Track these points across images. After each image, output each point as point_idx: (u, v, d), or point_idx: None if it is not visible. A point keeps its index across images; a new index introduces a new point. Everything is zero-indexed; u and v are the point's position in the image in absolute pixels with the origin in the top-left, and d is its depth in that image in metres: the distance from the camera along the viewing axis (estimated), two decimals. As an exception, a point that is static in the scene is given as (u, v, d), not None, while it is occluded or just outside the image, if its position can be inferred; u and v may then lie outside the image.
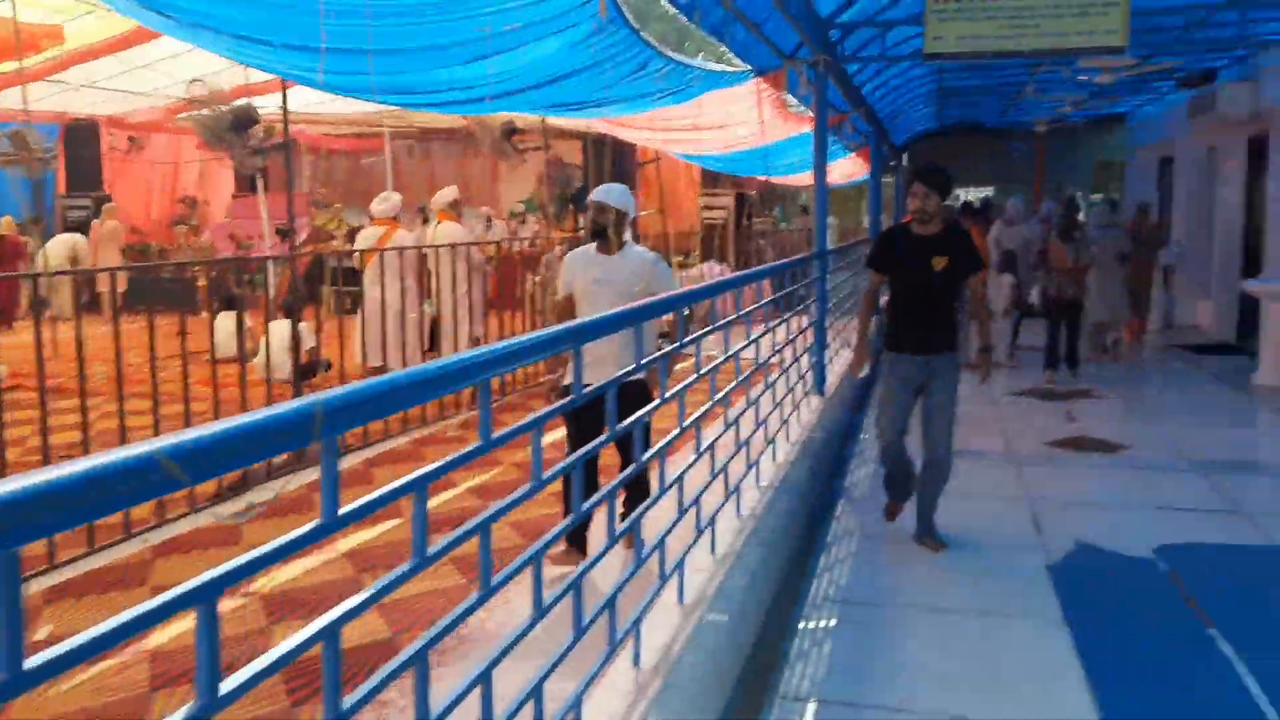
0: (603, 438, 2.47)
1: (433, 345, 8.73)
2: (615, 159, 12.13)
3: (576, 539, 4.49)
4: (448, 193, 8.86)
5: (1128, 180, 18.66)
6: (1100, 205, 11.40)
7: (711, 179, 18.03)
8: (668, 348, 3.09)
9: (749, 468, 4.53)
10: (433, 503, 5.74)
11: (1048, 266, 9.76)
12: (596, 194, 4.58)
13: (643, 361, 2.82)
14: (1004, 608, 4.31)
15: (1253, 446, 7.81)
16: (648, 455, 2.88)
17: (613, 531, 2.57)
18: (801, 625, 4.17)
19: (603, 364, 4.25)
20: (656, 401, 2.97)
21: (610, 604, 2.53)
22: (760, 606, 4.09)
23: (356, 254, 8.67)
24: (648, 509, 2.83)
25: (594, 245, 4.62)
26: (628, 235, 4.61)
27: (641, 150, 14.59)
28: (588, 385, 2.49)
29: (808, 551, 5.10)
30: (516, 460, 6.55)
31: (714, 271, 13.58)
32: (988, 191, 20.85)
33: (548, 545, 2.09)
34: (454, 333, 8.26)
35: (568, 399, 2.31)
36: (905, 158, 18.28)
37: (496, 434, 1.91)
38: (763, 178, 16.22)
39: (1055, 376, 9.72)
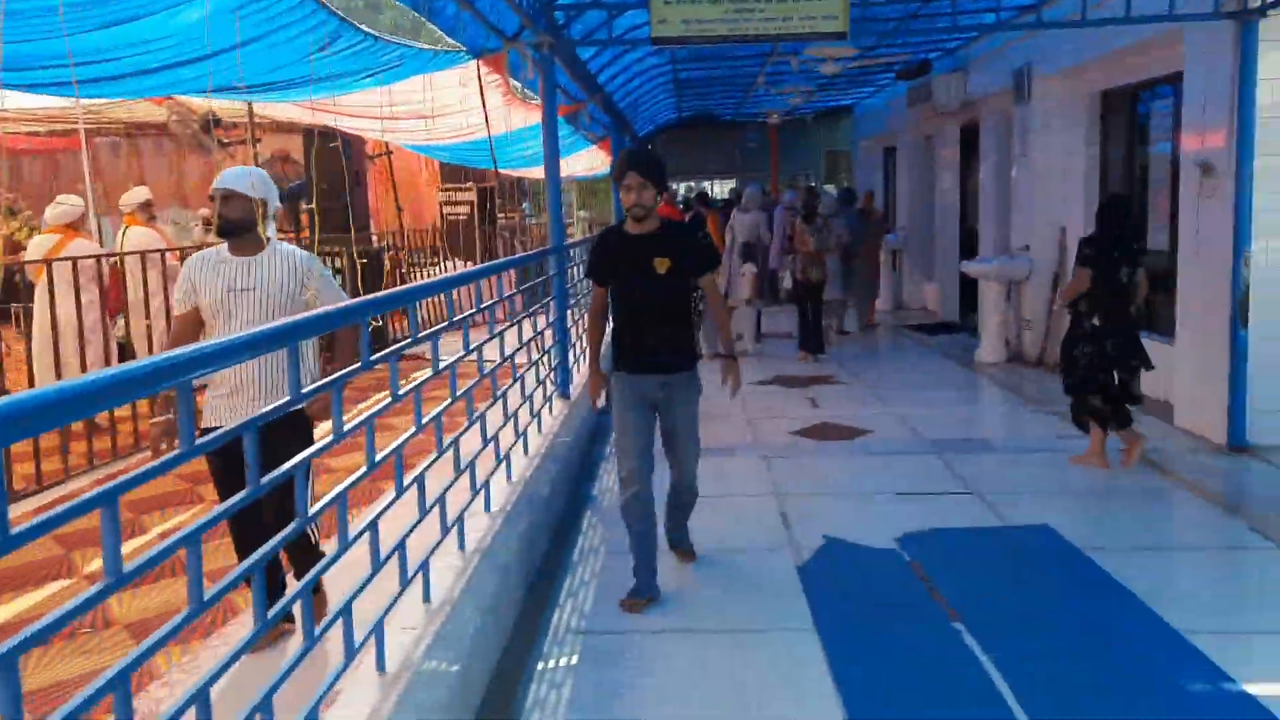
0: (235, 499, 1.91)
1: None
2: (342, 152, 11.24)
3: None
4: (137, 193, 7.76)
5: (856, 169, 19.57)
6: (827, 196, 11.92)
7: (454, 173, 17.35)
8: (341, 370, 2.52)
9: (475, 492, 4.04)
10: (126, 548, 4.89)
11: (794, 251, 10.12)
12: (225, 180, 3.61)
13: (306, 390, 2.27)
14: (756, 621, 4.06)
15: (979, 424, 8.15)
16: (317, 509, 2.33)
17: (262, 616, 2.01)
18: (540, 666, 3.74)
19: (243, 395, 3.42)
20: (328, 440, 2.40)
21: (264, 706, 1.98)
22: (490, 654, 3.63)
23: (18, 267, 7.44)
24: (317, 576, 2.28)
25: (225, 246, 3.70)
26: (271, 231, 3.75)
27: (373, 143, 13.69)
28: (219, 426, 1.93)
29: (551, 574, 4.68)
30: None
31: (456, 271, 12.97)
32: (731, 182, 21.40)
33: (131, 666, 1.52)
34: (150, 353, 7.24)
35: (174, 452, 1.74)
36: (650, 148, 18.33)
37: (24, 525, 1.33)
38: (506, 170, 15.71)
39: (809, 357, 10.03)
